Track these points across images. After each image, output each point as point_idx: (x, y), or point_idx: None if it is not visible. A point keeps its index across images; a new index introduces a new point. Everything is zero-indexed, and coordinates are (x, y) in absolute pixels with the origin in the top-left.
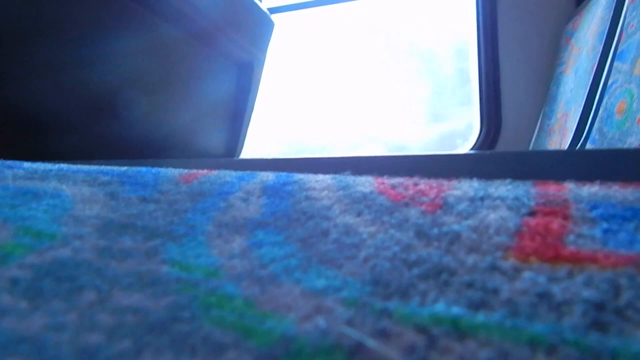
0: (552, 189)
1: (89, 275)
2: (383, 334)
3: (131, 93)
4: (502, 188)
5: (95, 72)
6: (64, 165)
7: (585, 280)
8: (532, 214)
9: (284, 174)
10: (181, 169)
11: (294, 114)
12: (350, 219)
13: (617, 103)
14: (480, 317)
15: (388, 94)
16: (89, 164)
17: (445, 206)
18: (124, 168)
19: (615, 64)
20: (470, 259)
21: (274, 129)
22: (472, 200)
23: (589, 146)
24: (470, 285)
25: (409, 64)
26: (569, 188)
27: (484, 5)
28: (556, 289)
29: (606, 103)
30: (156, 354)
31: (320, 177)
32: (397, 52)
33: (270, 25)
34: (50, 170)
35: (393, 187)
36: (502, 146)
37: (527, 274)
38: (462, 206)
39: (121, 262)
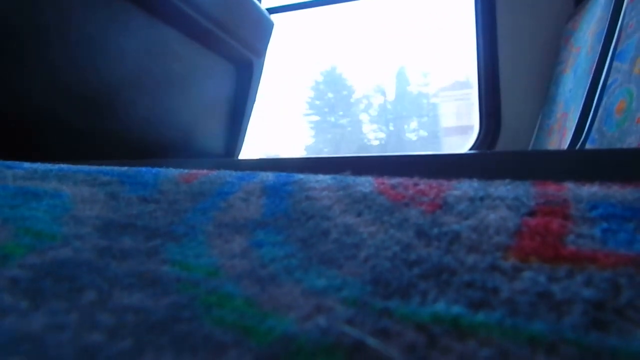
0: (551, 188)
1: (89, 275)
2: (383, 333)
3: (131, 93)
4: (502, 188)
5: (94, 72)
6: (64, 166)
7: (585, 279)
8: (531, 213)
9: (284, 174)
10: (181, 169)
11: None
12: (350, 219)
13: (617, 103)
14: (481, 316)
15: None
16: (89, 164)
17: (445, 206)
18: (124, 168)
19: (615, 63)
20: (470, 259)
21: None
22: (471, 200)
23: (588, 146)
24: (470, 284)
25: None
26: (569, 188)
27: (483, 5)
28: (556, 289)
29: (605, 103)
30: (157, 354)
31: (320, 177)
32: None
33: (269, 25)
34: (50, 170)
35: (393, 187)
36: (501, 146)
37: (527, 274)
38: (462, 206)
39: (121, 262)
